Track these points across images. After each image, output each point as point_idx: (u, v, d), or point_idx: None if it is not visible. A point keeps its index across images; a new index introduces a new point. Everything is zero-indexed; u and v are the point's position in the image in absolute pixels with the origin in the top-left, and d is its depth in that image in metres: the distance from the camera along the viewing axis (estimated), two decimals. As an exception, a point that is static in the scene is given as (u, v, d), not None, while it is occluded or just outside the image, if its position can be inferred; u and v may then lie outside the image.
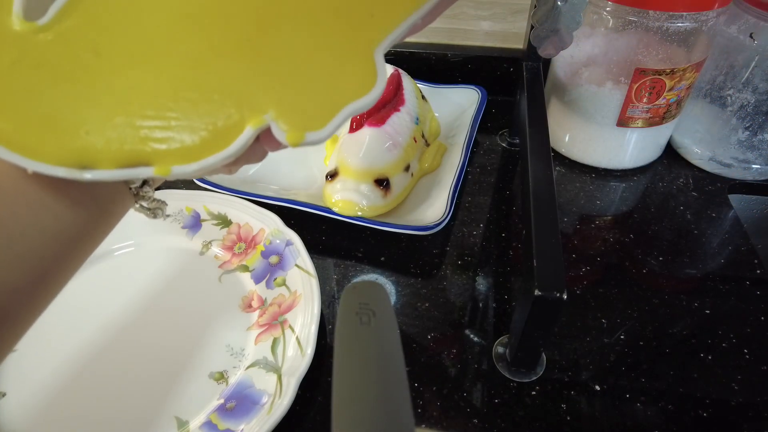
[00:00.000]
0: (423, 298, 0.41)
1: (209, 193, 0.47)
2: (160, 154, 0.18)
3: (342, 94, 0.19)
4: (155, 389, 0.35)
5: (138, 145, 0.18)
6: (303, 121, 0.19)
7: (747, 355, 0.37)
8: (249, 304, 0.40)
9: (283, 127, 0.19)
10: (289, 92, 0.19)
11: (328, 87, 0.19)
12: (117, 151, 0.18)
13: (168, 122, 0.19)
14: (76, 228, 0.21)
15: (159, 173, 0.18)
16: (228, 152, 0.19)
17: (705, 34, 0.45)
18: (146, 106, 0.19)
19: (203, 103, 0.19)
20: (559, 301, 0.29)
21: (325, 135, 0.19)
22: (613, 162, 0.53)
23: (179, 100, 0.19)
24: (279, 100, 0.19)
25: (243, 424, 0.32)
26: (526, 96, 0.47)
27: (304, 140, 0.19)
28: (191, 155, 0.19)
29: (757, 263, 0.44)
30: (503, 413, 0.34)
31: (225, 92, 0.19)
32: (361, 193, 0.45)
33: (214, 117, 0.19)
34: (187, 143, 0.19)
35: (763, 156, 0.50)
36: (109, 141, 0.18)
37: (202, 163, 0.19)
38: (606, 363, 0.37)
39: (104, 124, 0.18)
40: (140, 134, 0.18)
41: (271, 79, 0.19)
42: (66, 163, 0.18)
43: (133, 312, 0.40)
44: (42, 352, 0.37)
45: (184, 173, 0.19)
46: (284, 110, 0.19)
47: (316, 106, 0.19)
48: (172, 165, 0.18)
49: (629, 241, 0.46)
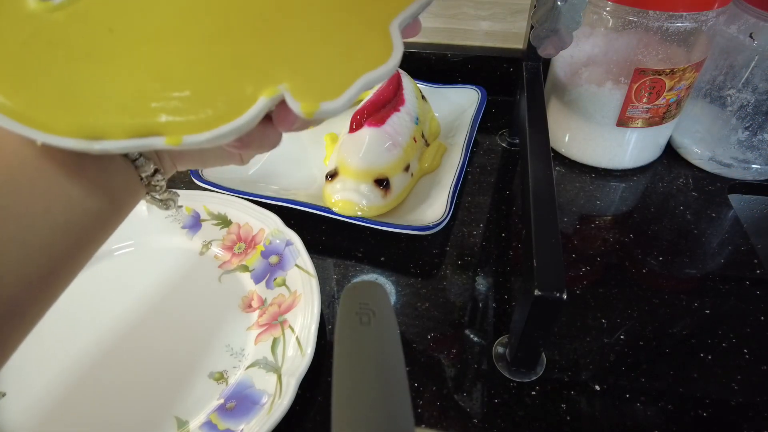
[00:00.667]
0: (423, 298, 0.41)
1: (209, 193, 0.47)
2: (172, 124, 0.18)
3: (358, 65, 0.19)
4: (155, 389, 0.35)
5: (149, 116, 0.18)
6: (318, 91, 0.19)
7: (747, 355, 0.37)
8: (249, 304, 0.40)
9: (298, 96, 0.19)
10: (304, 64, 0.19)
11: (343, 58, 0.19)
12: (128, 123, 0.18)
13: (181, 93, 0.18)
14: (87, 219, 0.21)
15: (170, 143, 0.18)
16: (241, 121, 0.19)
17: (705, 34, 0.45)
18: (159, 79, 0.18)
19: (217, 76, 0.19)
20: (559, 301, 0.29)
21: (340, 105, 0.19)
22: (612, 162, 0.53)
23: (192, 74, 0.19)
24: (294, 72, 0.19)
25: (243, 424, 0.32)
26: (525, 96, 0.47)
27: (319, 110, 0.19)
28: (203, 125, 0.18)
29: (757, 263, 0.44)
30: (503, 413, 0.34)
31: (239, 66, 0.19)
32: (360, 193, 0.45)
33: (227, 89, 0.19)
34: (199, 114, 0.18)
35: (762, 156, 0.50)
36: (121, 113, 0.18)
37: (214, 132, 0.18)
38: (606, 363, 0.37)
39: (116, 97, 0.18)
40: (152, 106, 0.18)
41: (286, 53, 0.19)
42: (76, 135, 0.18)
43: (133, 312, 0.40)
44: (42, 352, 0.37)
45: (196, 142, 0.18)
46: (299, 81, 0.19)
47: (331, 76, 0.19)
48: (183, 134, 0.18)
49: (629, 241, 0.46)
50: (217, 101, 0.19)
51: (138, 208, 0.45)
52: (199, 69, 0.19)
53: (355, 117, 0.49)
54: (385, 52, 0.20)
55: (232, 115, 0.19)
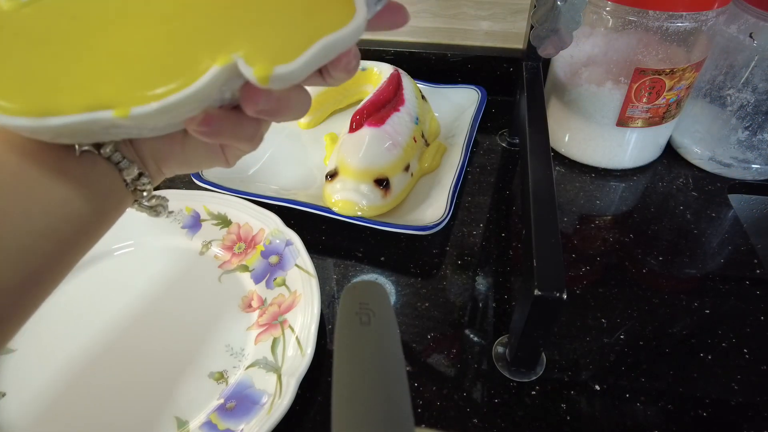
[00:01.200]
0: (423, 298, 0.41)
1: (209, 193, 0.47)
2: (123, 97, 0.18)
3: (316, 27, 0.19)
4: (155, 389, 0.35)
5: (102, 90, 0.18)
6: (272, 55, 0.18)
7: (747, 355, 0.37)
8: (249, 304, 0.40)
9: (251, 61, 0.18)
10: (260, 30, 0.19)
11: (302, 22, 0.19)
12: (80, 98, 0.18)
13: (135, 68, 0.18)
14: (68, 225, 0.20)
15: (118, 114, 0.18)
16: (190, 91, 0.18)
17: (704, 34, 0.45)
18: (115, 59, 0.18)
19: (173, 52, 0.19)
20: (558, 301, 0.29)
21: (296, 68, 0.18)
22: (612, 162, 0.53)
23: (149, 52, 0.19)
24: (250, 39, 0.19)
25: (243, 424, 0.32)
26: (525, 96, 0.47)
27: (273, 74, 0.18)
28: (154, 97, 0.18)
29: (757, 263, 0.44)
30: (503, 413, 0.34)
31: (196, 40, 0.19)
32: (360, 193, 0.45)
33: (181, 62, 0.18)
34: (151, 88, 0.18)
35: (762, 156, 0.50)
36: (74, 91, 0.18)
37: (163, 102, 0.18)
38: (606, 363, 0.37)
39: (72, 77, 0.18)
40: (105, 82, 0.18)
41: (245, 22, 0.19)
42: (29, 113, 0.18)
43: (133, 312, 0.40)
44: (42, 353, 0.37)
45: (144, 113, 0.18)
46: (254, 47, 0.18)
47: (287, 39, 0.19)
48: (132, 106, 0.18)
49: (629, 241, 0.46)
50: (169, 73, 0.18)
51: (138, 208, 0.45)
52: (156, 47, 0.19)
53: (355, 117, 0.49)
54: (346, 14, 0.19)
55: (183, 86, 0.18)
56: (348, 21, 0.19)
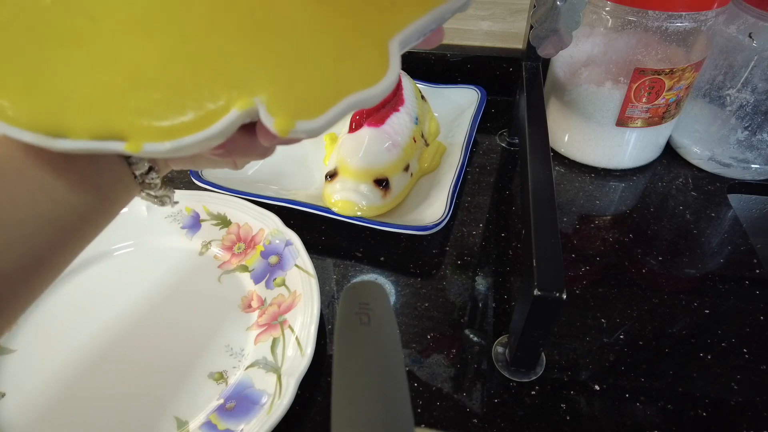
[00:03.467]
0: (422, 298, 0.41)
1: (209, 193, 0.47)
2: (136, 128, 0.17)
3: (345, 82, 0.17)
4: (155, 389, 0.35)
5: (115, 116, 0.17)
6: (296, 107, 0.17)
7: (746, 355, 0.37)
8: (248, 304, 0.40)
9: (273, 111, 0.17)
10: (286, 74, 0.17)
11: (331, 72, 0.17)
12: (92, 122, 0.17)
13: (150, 95, 0.17)
14: (75, 214, 0.20)
15: (129, 149, 0.17)
16: (207, 134, 0.17)
17: (704, 34, 0.45)
18: (131, 77, 0.17)
19: (191, 79, 0.17)
20: (558, 301, 0.29)
21: (318, 126, 0.17)
22: (612, 162, 0.53)
23: (166, 73, 0.17)
24: (273, 82, 0.17)
25: (243, 424, 0.32)
26: (525, 96, 0.47)
27: (294, 129, 0.17)
28: (167, 133, 0.17)
29: (757, 263, 0.44)
30: (503, 413, 0.34)
31: (217, 70, 0.17)
32: (360, 193, 0.45)
33: (199, 94, 0.17)
34: (164, 120, 0.17)
35: (762, 156, 0.50)
36: (85, 109, 0.17)
37: (176, 143, 0.17)
38: (605, 363, 0.37)
39: (84, 91, 0.17)
40: (118, 105, 0.17)
41: (270, 58, 0.17)
42: (38, 129, 0.17)
43: (133, 312, 0.40)
44: (41, 353, 0.37)
45: (157, 152, 0.17)
46: (277, 94, 0.17)
47: (313, 91, 0.17)
48: (144, 141, 0.17)
49: (629, 240, 0.46)
50: (186, 107, 0.17)
51: (137, 208, 0.45)
52: (174, 68, 0.17)
53: (354, 117, 0.49)
54: (378, 70, 0.17)
55: (199, 125, 0.17)
56: (380, 77, 0.17)
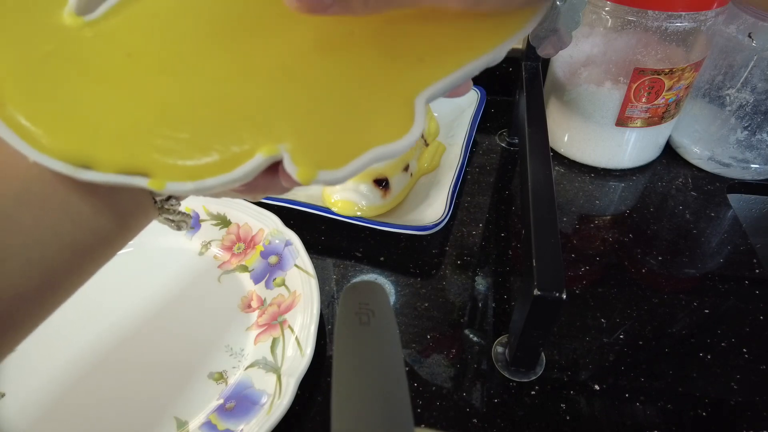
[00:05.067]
0: (422, 298, 0.41)
1: (208, 193, 0.47)
2: (160, 166, 0.18)
3: (370, 136, 0.18)
4: (155, 389, 0.35)
5: (141, 153, 0.18)
6: (319, 157, 0.17)
7: (746, 355, 0.37)
8: (248, 305, 0.40)
9: (297, 160, 0.17)
10: (312, 124, 0.18)
11: (356, 125, 0.18)
12: (119, 156, 0.18)
13: (177, 134, 0.18)
14: (94, 238, 0.20)
15: (152, 186, 0.17)
16: (230, 177, 0.17)
17: (704, 34, 0.45)
18: (161, 115, 0.18)
19: (219, 121, 0.18)
20: (558, 301, 0.29)
21: (340, 176, 0.17)
22: (612, 162, 0.53)
23: (195, 114, 0.18)
24: (299, 131, 0.18)
25: (242, 424, 0.32)
26: (525, 96, 0.47)
27: (316, 178, 0.17)
28: (191, 173, 0.17)
29: (756, 263, 0.44)
30: (503, 413, 0.34)
31: (244, 114, 0.18)
32: (360, 193, 0.45)
33: (225, 138, 0.18)
34: (190, 160, 0.18)
35: (761, 155, 0.50)
36: (114, 143, 0.18)
37: (199, 184, 0.17)
38: (605, 363, 0.37)
39: (115, 125, 0.18)
40: (146, 142, 0.18)
41: (297, 108, 0.18)
42: (67, 159, 0.17)
43: (133, 312, 0.40)
44: (41, 353, 0.37)
45: (180, 191, 0.18)
46: (302, 143, 0.17)
47: (337, 143, 0.17)
48: (167, 180, 0.17)
49: (628, 240, 0.46)
50: (211, 149, 0.18)
51: (137, 209, 0.45)
52: (203, 110, 0.18)
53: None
54: (403, 126, 0.18)
55: (223, 168, 0.17)
56: (404, 132, 0.18)
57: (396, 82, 0.18)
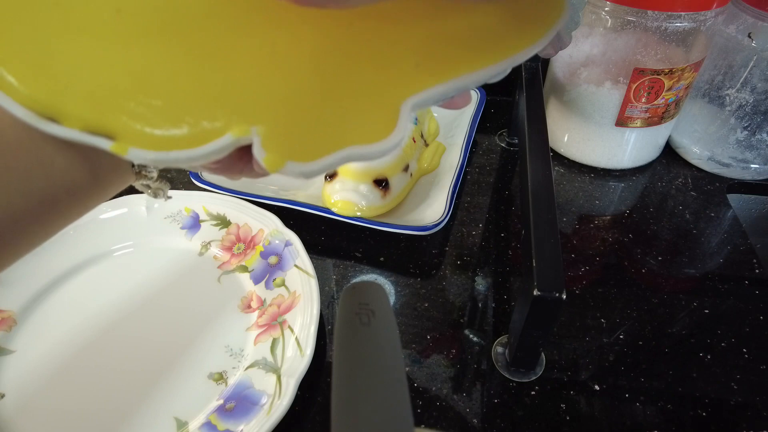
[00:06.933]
0: (422, 298, 0.41)
1: (208, 193, 0.47)
2: (127, 130, 0.17)
3: (347, 134, 0.17)
4: (154, 390, 0.35)
5: (111, 114, 0.17)
6: (291, 147, 0.17)
7: (746, 355, 0.37)
8: (248, 305, 0.40)
9: (267, 146, 0.16)
10: (290, 113, 0.17)
11: (335, 122, 0.17)
12: (88, 114, 0.17)
13: (151, 100, 0.17)
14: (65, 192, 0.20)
15: (114, 149, 0.17)
16: (195, 153, 0.17)
17: (703, 34, 0.45)
18: (137, 79, 0.17)
19: (195, 95, 0.17)
20: (558, 301, 0.29)
21: (308, 170, 0.17)
22: (611, 162, 0.53)
23: (172, 84, 0.17)
24: (275, 118, 0.17)
25: (242, 424, 0.32)
26: (524, 96, 0.47)
27: (284, 168, 0.16)
28: (157, 143, 0.17)
29: (756, 263, 0.44)
30: (502, 413, 0.34)
31: (223, 92, 0.17)
32: (360, 194, 0.45)
33: (199, 112, 0.17)
34: (158, 129, 0.17)
35: (761, 155, 0.51)
36: (86, 101, 0.17)
37: (163, 155, 0.17)
38: (605, 363, 0.37)
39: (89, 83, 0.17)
40: (118, 104, 0.17)
41: (278, 94, 0.17)
42: (33, 108, 0.17)
43: (132, 313, 0.40)
44: (41, 353, 0.37)
45: (141, 158, 0.17)
46: (275, 129, 0.17)
47: (312, 136, 0.17)
48: (131, 146, 0.17)
49: (628, 240, 0.46)
50: (182, 121, 0.17)
51: (137, 209, 0.45)
52: (182, 81, 0.17)
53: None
54: (384, 129, 0.17)
55: (190, 142, 0.17)
56: (383, 136, 0.17)
57: (386, 84, 0.18)
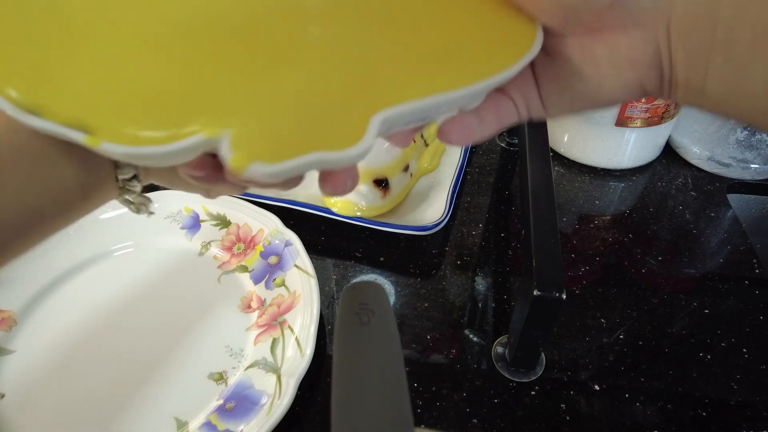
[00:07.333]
0: (422, 298, 0.41)
1: (208, 193, 0.47)
2: (104, 125, 0.17)
3: (315, 140, 0.17)
4: (154, 390, 0.35)
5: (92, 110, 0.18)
6: (258, 149, 0.17)
7: (746, 355, 0.37)
8: (248, 305, 0.40)
9: (235, 147, 0.17)
10: (260, 115, 0.18)
11: (304, 127, 0.18)
12: (70, 110, 0.17)
13: (132, 99, 0.18)
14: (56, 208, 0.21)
15: (87, 142, 0.17)
16: (165, 149, 0.17)
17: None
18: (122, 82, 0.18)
19: (176, 96, 0.18)
20: (558, 301, 0.29)
21: (273, 171, 0.17)
22: (611, 162, 0.54)
23: (157, 85, 0.18)
24: (245, 120, 0.17)
25: (242, 424, 0.32)
26: (524, 96, 0.47)
27: (248, 169, 0.17)
28: (129, 139, 0.17)
29: (756, 263, 0.44)
30: (503, 413, 0.34)
31: (201, 96, 0.18)
32: (360, 194, 0.45)
33: (176, 112, 0.18)
34: (133, 126, 0.17)
35: (761, 155, 0.51)
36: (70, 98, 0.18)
37: (133, 150, 0.17)
38: (605, 363, 0.37)
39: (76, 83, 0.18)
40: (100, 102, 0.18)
41: (253, 98, 0.18)
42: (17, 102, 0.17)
43: (132, 312, 0.40)
44: (41, 353, 0.37)
45: (112, 152, 0.17)
46: (245, 131, 0.17)
47: (281, 138, 0.17)
48: (104, 139, 0.17)
49: (628, 240, 0.46)
50: (159, 122, 0.17)
51: (137, 209, 0.45)
52: (166, 83, 0.18)
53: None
54: (351, 138, 0.17)
55: (162, 140, 0.17)
56: (350, 144, 0.17)
57: (362, 94, 0.18)
